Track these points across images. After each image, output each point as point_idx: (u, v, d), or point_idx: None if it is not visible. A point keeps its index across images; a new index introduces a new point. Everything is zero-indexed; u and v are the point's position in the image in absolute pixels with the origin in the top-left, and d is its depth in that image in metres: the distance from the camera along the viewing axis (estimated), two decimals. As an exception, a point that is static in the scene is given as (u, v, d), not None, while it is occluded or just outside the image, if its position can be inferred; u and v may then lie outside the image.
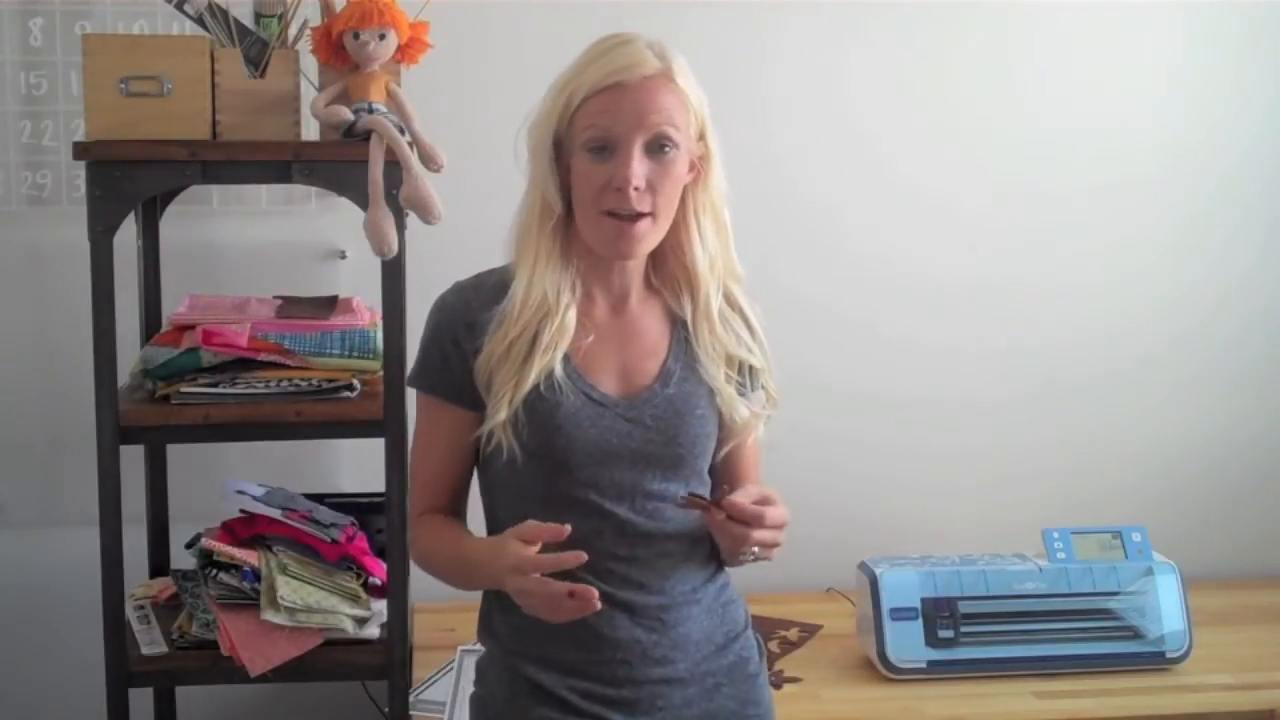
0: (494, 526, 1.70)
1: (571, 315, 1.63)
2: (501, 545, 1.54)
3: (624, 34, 1.61)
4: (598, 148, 1.57)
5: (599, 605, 1.49)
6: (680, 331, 1.68)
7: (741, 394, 1.69)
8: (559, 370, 1.61)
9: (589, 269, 1.66)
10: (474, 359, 1.63)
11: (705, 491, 1.69)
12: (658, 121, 1.56)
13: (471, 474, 1.73)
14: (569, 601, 1.48)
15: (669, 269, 1.68)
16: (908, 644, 2.35)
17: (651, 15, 2.63)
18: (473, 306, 1.66)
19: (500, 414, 1.60)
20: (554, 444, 1.61)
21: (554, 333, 1.61)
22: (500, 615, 1.69)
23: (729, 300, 1.70)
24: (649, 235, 1.60)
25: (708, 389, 1.67)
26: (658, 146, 1.57)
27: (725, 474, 1.72)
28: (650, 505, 1.64)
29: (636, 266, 1.67)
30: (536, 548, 1.51)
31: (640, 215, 1.58)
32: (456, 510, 1.73)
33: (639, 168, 1.56)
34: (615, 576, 1.62)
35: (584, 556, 1.50)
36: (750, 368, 1.70)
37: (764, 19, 2.75)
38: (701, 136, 1.62)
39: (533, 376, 1.60)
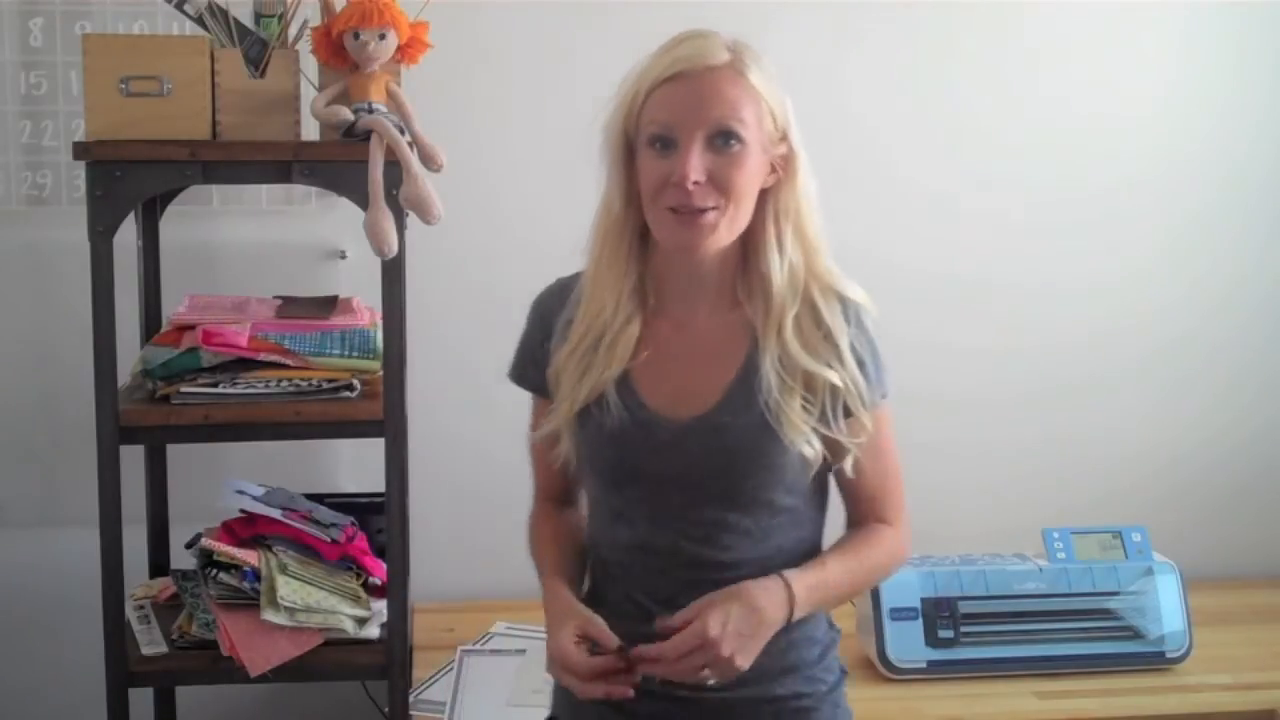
0: (589, 511, 1.70)
1: (633, 328, 1.58)
2: (557, 622, 1.55)
3: (703, 29, 1.55)
4: (660, 141, 1.51)
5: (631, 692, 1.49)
6: (756, 351, 1.57)
7: (824, 420, 1.55)
8: (612, 386, 1.57)
9: (660, 275, 1.60)
10: (553, 355, 1.62)
11: (784, 521, 1.60)
12: (720, 114, 1.49)
13: (571, 463, 1.68)
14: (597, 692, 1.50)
15: (752, 279, 1.58)
16: (908, 644, 2.35)
17: (650, 16, 2.63)
18: (553, 305, 1.65)
19: (557, 421, 1.60)
20: (599, 460, 1.60)
21: (609, 346, 1.57)
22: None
23: (814, 314, 1.57)
24: (719, 229, 1.51)
25: (774, 417, 1.54)
26: (721, 140, 1.50)
27: (850, 498, 1.65)
28: (703, 532, 1.57)
29: (712, 275, 1.58)
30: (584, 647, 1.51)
31: (704, 209, 1.50)
32: (568, 497, 1.73)
33: (698, 161, 1.48)
34: (663, 600, 1.57)
35: (630, 692, 1.49)
36: (832, 388, 1.55)
37: (764, 19, 2.74)
38: (784, 138, 1.55)
39: (585, 391, 1.57)
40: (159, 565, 2.49)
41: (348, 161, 2.09)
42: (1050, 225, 2.87)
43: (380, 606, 2.28)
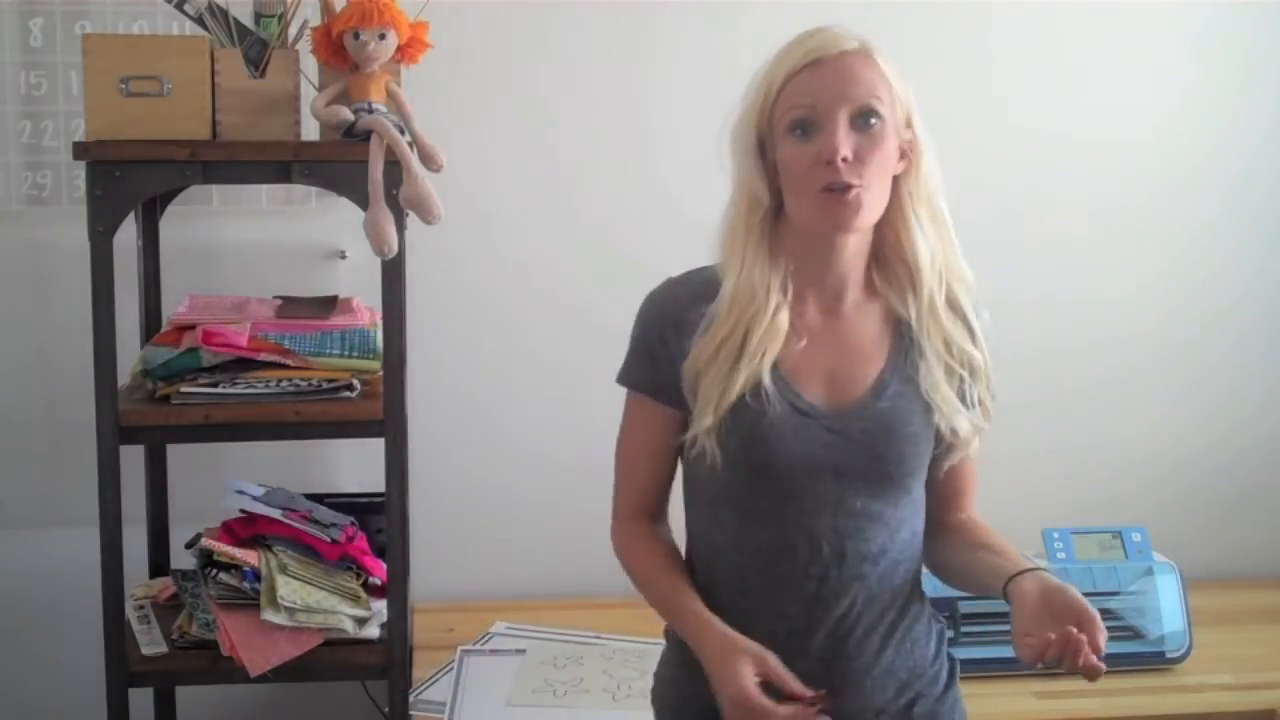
0: (691, 530, 1.67)
1: (783, 317, 1.56)
2: (731, 660, 1.49)
3: (827, 24, 1.57)
4: (802, 126, 1.52)
5: None
6: (903, 338, 1.60)
7: (964, 403, 1.61)
8: (766, 377, 1.55)
9: (800, 268, 1.58)
10: (681, 359, 1.58)
11: (910, 510, 1.62)
12: (860, 93, 1.51)
13: (674, 475, 1.67)
14: None
15: (891, 267, 1.60)
16: (908, 644, 2.35)
17: (650, 17, 2.63)
18: (681, 304, 1.60)
19: (706, 419, 1.55)
20: (756, 453, 1.56)
21: (763, 336, 1.54)
22: None
23: (951, 301, 1.61)
24: (864, 206, 1.52)
25: (924, 404, 1.58)
26: (863, 119, 1.51)
27: (944, 491, 1.67)
28: (851, 524, 1.57)
29: (852, 266, 1.59)
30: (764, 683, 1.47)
31: (852, 185, 1.50)
32: (657, 515, 1.69)
33: (845, 138, 1.50)
34: (805, 594, 1.56)
35: None
36: (972, 372, 1.63)
37: (766, 20, 2.74)
38: (909, 124, 1.57)
39: (740, 382, 1.54)
40: (159, 565, 2.49)
41: (348, 161, 2.09)
42: (1054, 231, 2.86)
43: (380, 606, 2.28)
